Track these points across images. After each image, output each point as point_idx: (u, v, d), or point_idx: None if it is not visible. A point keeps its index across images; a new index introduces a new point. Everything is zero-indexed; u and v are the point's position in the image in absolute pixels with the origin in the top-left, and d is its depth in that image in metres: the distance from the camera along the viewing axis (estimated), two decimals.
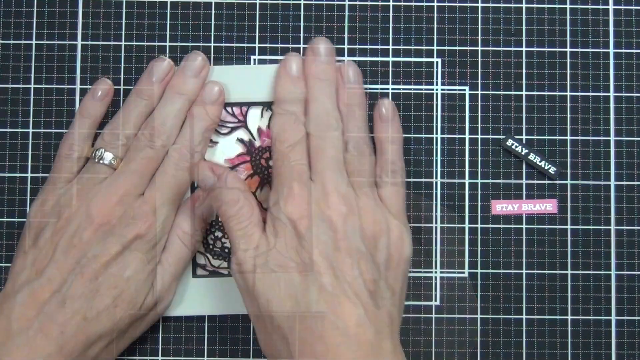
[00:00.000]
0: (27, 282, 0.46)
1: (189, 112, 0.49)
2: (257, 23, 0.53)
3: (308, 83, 0.49)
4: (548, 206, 0.52)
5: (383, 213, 0.47)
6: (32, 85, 0.52)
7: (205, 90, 0.50)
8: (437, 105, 0.52)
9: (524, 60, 0.53)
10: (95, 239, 0.46)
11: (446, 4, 0.53)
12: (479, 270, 0.52)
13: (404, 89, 0.52)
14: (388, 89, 0.52)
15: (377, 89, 0.52)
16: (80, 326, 0.45)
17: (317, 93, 0.48)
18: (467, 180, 0.52)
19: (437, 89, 0.53)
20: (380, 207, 0.47)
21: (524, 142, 0.52)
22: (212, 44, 0.52)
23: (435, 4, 0.53)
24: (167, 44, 0.52)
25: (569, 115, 0.52)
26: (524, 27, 0.53)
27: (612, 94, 0.53)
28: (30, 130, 0.52)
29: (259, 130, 0.52)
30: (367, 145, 0.49)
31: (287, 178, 0.47)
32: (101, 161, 0.48)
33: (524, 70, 0.53)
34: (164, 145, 0.48)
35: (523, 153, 0.52)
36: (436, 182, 0.52)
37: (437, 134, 0.52)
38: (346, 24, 0.53)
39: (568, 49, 0.53)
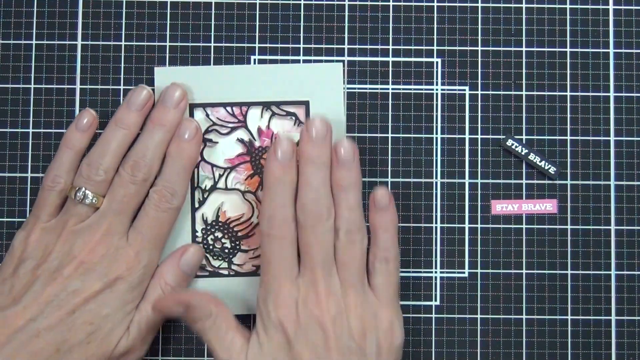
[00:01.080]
0: (1, 308, 0.46)
1: (167, 151, 0.49)
2: (257, 23, 0.53)
3: (301, 165, 0.48)
4: (548, 206, 0.52)
5: (371, 307, 0.47)
6: (32, 85, 0.52)
7: (182, 128, 0.49)
8: (437, 105, 0.52)
9: (524, 60, 0.53)
10: (77, 274, 0.46)
11: (446, 4, 0.53)
12: (479, 270, 0.52)
13: (404, 89, 0.52)
14: (388, 89, 0.52)
15: (377, 89, 0.52)
16: (52, 358, 0.45)
17: (310, 178, 0.47)
18: (467, 180, 0.52)
19: (437, 89, 0.53)
20: (369, 300, 0.47)
21: (524, 142, 0.52)
22: (212, 44, 0.52)
23: (435, 4, 0.53)
24: (167, 44, 0.52)
25: (569, 115, 0.52)
26: (524, 27, 0.53)
27: (612, 94, 0.53)
28: (30, 130, 0.52)
29: (259, 130, 0.52)
30: (359, 230, 0.48)
31: (276, 275, 0.47)
32: (83, 201, 0.47)
33: (524, 70, 0.53)
34: (146, 179, 0.48)
35: (523, 153, 0.52)
36: (436, 182, 0.52)
37: (437, 134, 0.52)
38: (346, 24, 0.53)
39: (568, 49, 0.53)
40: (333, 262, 0.47)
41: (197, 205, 0.52)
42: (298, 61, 0.52)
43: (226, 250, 0.52)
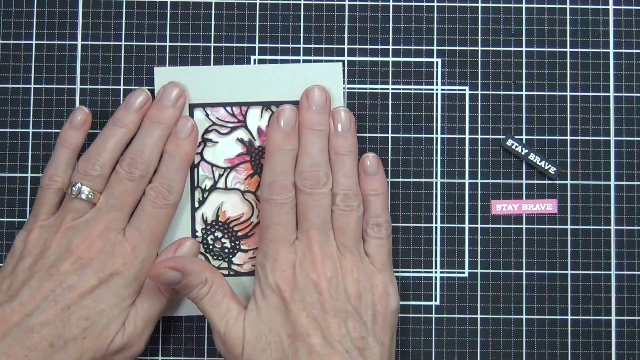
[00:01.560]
0: None
1: (164, 149, 0.49)
2: (257, 23, 0.53)
3: (300, 132, 0.49)
4: (548, 206, 0.52)
5: (367, 271, 0.48)
6: (32, 85, 0.52)
7: (178, 126, 0.50)
8: (437, 105, 0.52)
9: (524, 60, 0.53)
10: (73, 270, 0.46)
11: (446, 4, 0.53)
12: (479, 270, 0.52)
13: (404, 89, 0.52)
14: (388, 89, 0.52)
15: (377, 89, 0.52)
16: (47, 353, 0.45)
17: (309, 145, 0.49)
18: (467, 180, 0.52)
19: (437, 89, 0.53)
20: (365, 265, 0.48)
21: (524, 142, 0.52)
22: (212, 44, 0.52)
23: (435, 4, 0.53)
24: (167, 44, 0.52)
25: (569, 115, 0.52)
26: (524, 27, 0.53)
27: (612, 94, 0.53)
28: (30, 130, 0.52)
29: (259, 130, 0.52)
30: (355, 197, 0.49)
31: (274, 239, 0.48)
32: (79, 196, 0.48)
33: (524, 70, 0.53)
34: (143, 176, 0.48)
35: (523, 153, 0.52)
36: (436, 182, 0.52)
37: (437, 134, 0.52)
38: (346, 24, 0.53)
39: (568, 49, 0.53)
40: (330, 227, 0.48)
41: (197, 205, 0.52)
42: (298, 61, 0.52)
43: (226, 250, 0.52)
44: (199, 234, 0.52)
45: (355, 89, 0.52)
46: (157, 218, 0.48)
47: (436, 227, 0.52)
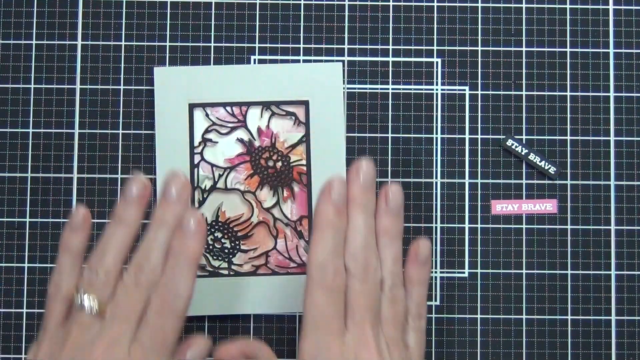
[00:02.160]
0: None
1: (170, 246, 0.45)
2: (257, 23, 0.53)
3: (350, 209, 0.46)
4: (548, 206, 0.52)
5: None
6: (32, 85, 0.52)
7: (183, 224, 0.45)
8: (437, 105, 0.52)
9: (524, 60, 0.53)
10: None
11: (446, 4, 0.53)
12: (479, 270, 0.52)
13: (404, 89, 0.52)
14: (388, 89, 0.52)
15: (377, 89, 0.52)
16: None
17: (360, 224, 0.45)
18: (467, 180, 0.52)
19: (437, 89, 0.53)
20: (408, 359, 0.46)
21: (524, 142, 0.52)
22: (212, 44, 0.52)
23: (435, 4, 0.53)
24: (167, 44, 0.52)
25: (569, 115, 0.52)
26: (524, 27, 0.53)
27: (612, 94, 0.53)
28: (30, 130, 0.52)
29: (259, 130, 0.52)
30: (402, 284, 0.46)
31: (327, 331, 0.44)
32: (84, 309, 0.44)
33: (524, 70, 0.53)
34: (150, 281, 0.45)
35: (523, 153, 0.52)
36: (436, 182, 0.52)
37: (437, 134, 0.52)
38: (346, 24, 0.53)
39: (568, 49, 0.53)
40: (380, 318, 0.46)
41: (196, 205, 0.52)
42: (298, 61, 0.52)
43: (226, 250, 0.52)
44: None
45: (355, 89, 0.52)
46: (164, 330, 0.45)
47: (436, 227, 0.52)
